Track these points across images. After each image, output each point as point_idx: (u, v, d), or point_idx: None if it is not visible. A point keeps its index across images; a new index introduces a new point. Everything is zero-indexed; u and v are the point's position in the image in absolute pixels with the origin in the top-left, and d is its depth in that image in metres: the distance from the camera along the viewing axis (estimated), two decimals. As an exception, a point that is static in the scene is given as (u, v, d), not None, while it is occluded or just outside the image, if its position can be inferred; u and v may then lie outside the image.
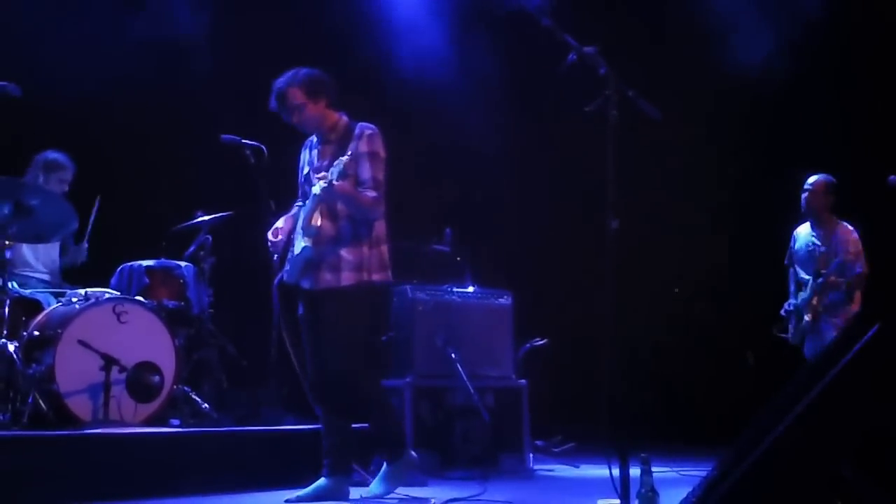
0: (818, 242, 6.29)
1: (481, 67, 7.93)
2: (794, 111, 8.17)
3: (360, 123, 4.68)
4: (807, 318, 6.18)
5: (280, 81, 4.65)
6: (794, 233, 6.48)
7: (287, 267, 4.66)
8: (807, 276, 6.24)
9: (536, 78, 7.68)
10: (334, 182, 4.32)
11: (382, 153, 4.63)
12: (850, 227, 6.28)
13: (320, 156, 4.70)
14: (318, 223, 4.49)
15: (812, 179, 6.31)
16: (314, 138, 4.80)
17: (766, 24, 7.86)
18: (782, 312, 6.36)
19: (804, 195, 6.31)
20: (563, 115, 7.20)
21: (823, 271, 6.09)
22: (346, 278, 4.51)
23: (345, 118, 4.72)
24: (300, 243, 4.55)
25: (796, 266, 6.39)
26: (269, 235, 4.67)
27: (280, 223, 4.71)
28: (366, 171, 4.55)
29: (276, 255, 4.71)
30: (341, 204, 4.52)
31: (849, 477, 2.44)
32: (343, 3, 7.67)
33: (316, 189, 4.41)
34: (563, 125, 7.59)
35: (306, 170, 4.77)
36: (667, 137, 6.04)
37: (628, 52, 5.99)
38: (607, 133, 3.73)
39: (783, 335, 6.32)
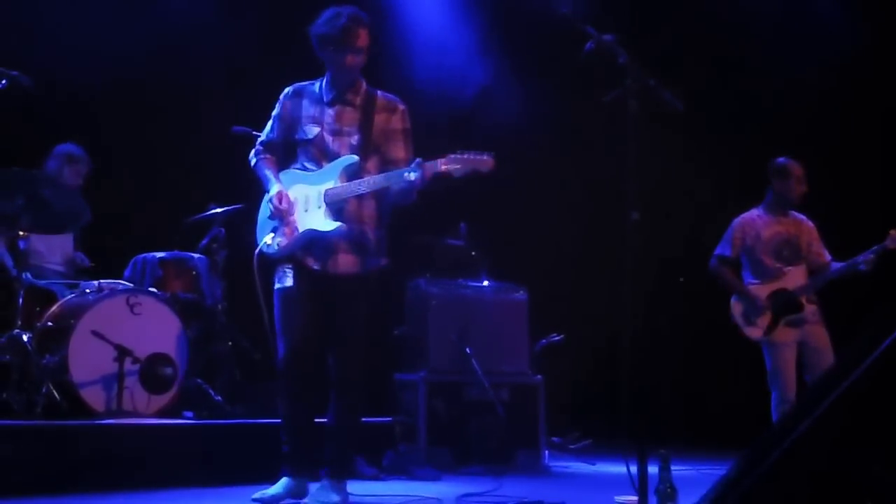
0: (791, 231, 5.93)
1: (497, 59, 7.88)
2: (821, 101, 8.06)
3: (385, 94, 4.32)
4: (811, 307, 5.75)
5: (363, 14, 4.20)
6: (745, 221, 5.98)
7: (281, 240, 4.17)
8: (789, 266, 5.83)
9: (553, 68, 7.63)
10: (442, 169, 3.93)
11: None
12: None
13: (338, 117, 4.22)
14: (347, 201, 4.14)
15: (793, 165, 5.90)
16: (316, 90, 4.31)
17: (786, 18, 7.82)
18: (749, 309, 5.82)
19: (791, 181, 5.86)
20: (579, 105, 7.16)
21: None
22: (371, 263, 4.22)
23: (364, 81, 4.32)
24: (323, 220, 4.11)
25: (761, 256, 5.88)
26: (275, 200, 4.15)
27: (278, 187, 4.21)
28: (400, 150, 4.22)
29: (276, 220, 4.17)
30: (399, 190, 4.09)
31: (880, 476, 2.44)
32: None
33: (411, 176, 3.94)
34: (579, 115, 7.54)
35: (315, 129, 4.23)
36: (685, 127, 5.95)
37: (648, 41, 5.96)
38: (627, 124, 3.59)
39: (758, 336, 5.81)
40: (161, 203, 6.92)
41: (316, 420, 4.29)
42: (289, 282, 4.17)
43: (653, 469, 3.59)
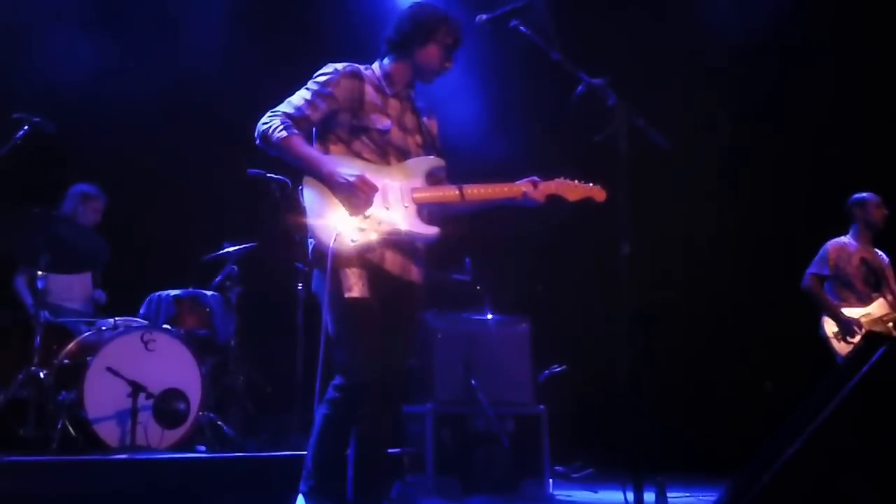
0: (876, 261, 6.32)
1: (495, 95, 7.98)
2: (815, 128, 8.16)
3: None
4: None
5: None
6: (838, 245, 6.34)
7: (355, 234, 3.49)
8: (875, 293, 6.20)
9: (549, 105, 7.72)
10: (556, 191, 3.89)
11: None
12: None
13: (402, 114, 3.80)
14: None
15: (869, 195, 6.37)
16: (372, 76, 3.79)
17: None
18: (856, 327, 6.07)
19: (871, 208, 6.33)
20: (576, 142, 7.26)
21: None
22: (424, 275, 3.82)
23: None
24: (418, 222, 3.60)
25: (852, 280, 6.25)
26: (365, 188, 3.45)
27: (356, 170, 3.51)
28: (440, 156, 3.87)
29: (358, 212, 3.48)
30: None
31: (864, 499, 2.51)
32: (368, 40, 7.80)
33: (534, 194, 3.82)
34: (577, 152, 7.63)
35: (386, 121, 3.71)
36: (682, 160, 6.05)
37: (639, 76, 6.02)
38: (618, 163, 3.62)
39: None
40: (176, 242, 7.08)
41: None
42: (359, 291, 3.51)
43: (650, 496, 3.69)
